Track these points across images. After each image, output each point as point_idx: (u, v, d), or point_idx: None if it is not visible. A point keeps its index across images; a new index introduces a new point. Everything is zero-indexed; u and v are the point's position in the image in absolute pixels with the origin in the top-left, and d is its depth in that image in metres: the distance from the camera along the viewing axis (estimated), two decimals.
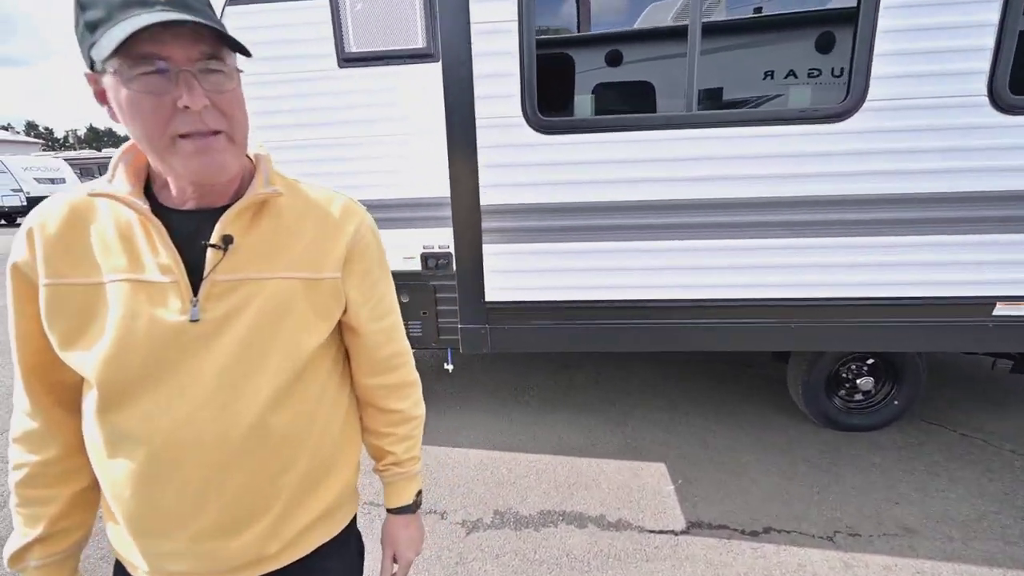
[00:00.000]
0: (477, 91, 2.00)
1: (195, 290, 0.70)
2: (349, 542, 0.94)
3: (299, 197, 0.80)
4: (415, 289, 2.79)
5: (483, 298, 2.24)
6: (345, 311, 0.82)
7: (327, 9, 2.47)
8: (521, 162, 2.10)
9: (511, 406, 3.38)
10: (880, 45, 1.84)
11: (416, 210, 2.64)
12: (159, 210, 0.73)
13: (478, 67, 1.97)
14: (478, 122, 2.04)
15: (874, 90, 1.90)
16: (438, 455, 2.86)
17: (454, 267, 2.37)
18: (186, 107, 0.63)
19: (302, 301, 0.75)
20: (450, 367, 3.02)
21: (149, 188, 0.76)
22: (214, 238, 0.70)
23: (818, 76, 3.49)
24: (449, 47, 1.97)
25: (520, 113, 2.03)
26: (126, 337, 0.67)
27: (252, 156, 0.80)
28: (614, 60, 3.65)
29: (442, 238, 2.62)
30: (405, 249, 2.74)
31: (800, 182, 2.04)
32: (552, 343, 2.40)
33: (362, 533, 1.01)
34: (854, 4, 1.92)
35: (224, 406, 0.70)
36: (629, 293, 2.29)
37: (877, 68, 1.87)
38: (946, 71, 1.88)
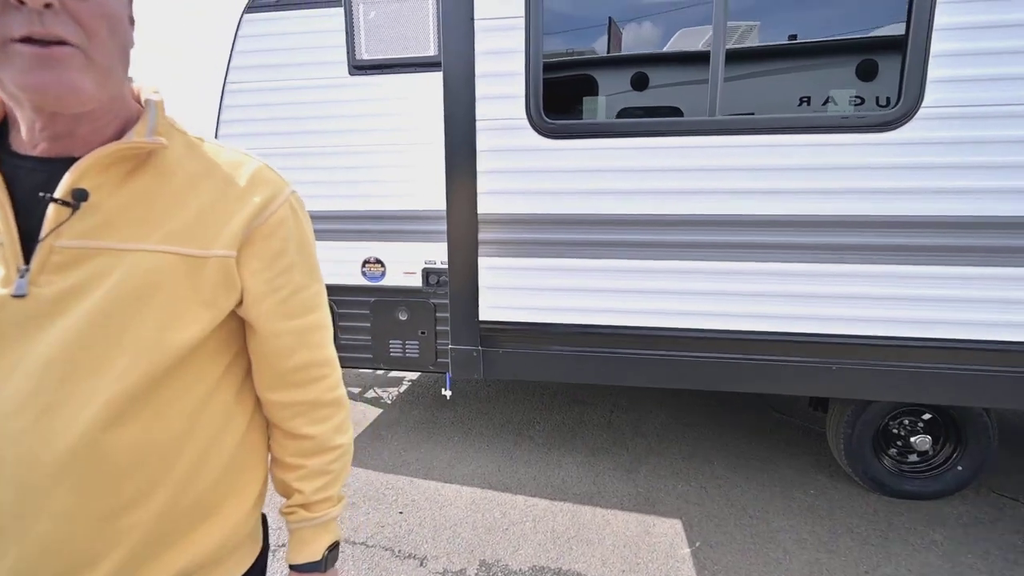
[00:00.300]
0: (479, 91, 1.87)
1: (28, 258, 0.54)
2: None
3: (199, 157, 0.64)
4: (415, 307, 2.63)
5: (476, 317, 2.04)
6: (241, 302, 0.65)
7: (341, 16, 2.44)
8: (523, 168, 1.93)
9: (514, 441, 3.10)
10: (939, 44, 1.60)
11: (419, 223, 2.51)
12: (3, 155, 0.58)
13: (481, 66, 1.85)
14: (478, 124, 1.90)
15: (931, 96, 1.65)
16: (428, 490, 2.61)
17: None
18: (21, 1, 0.48)
19: (178, 284, 0.59)
20: (448, 393, 2.80)
21: (6, 129, 0.61)
22: (60, 191, 0.54)
23: (861, 104, 3.24)
24: (450, 43, 1.86)
25: (524, 115, 1.88)
26: None
27: (142, 101, 0.65)
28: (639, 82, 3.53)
29: (444, 253, 2.46)
30: (407, 264, 2.60)
31: (842, 198, 1.78)
32: (552, 372, 2.16)
33: None
34: (897, 27, 1.71)
35: (42, 413, 0.53)
36: (642, 319, 2.04)
37: (935, 71, 1.63)
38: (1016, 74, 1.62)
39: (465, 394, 3.71)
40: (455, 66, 1.86)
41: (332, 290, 2.64)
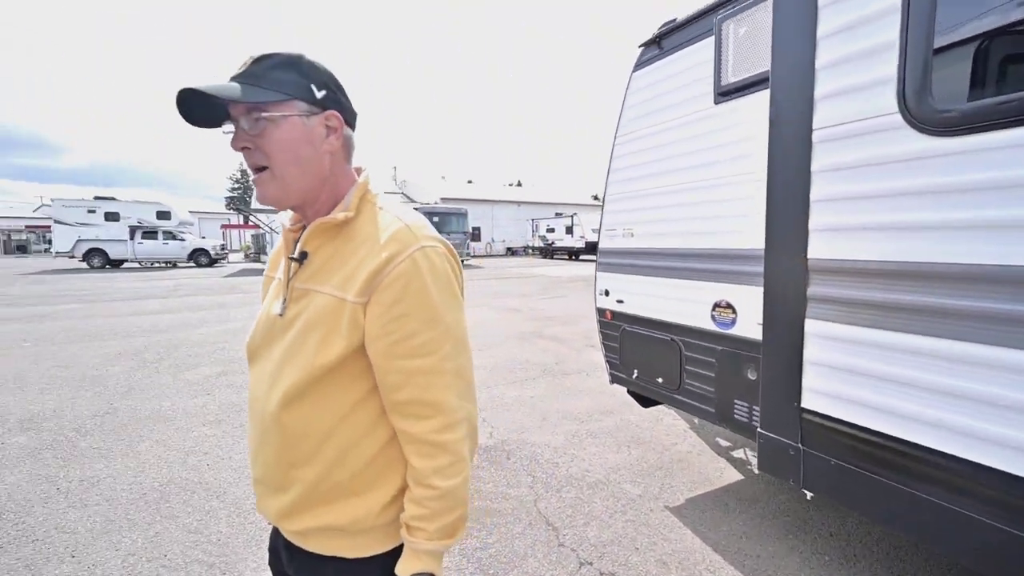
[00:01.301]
0: (819, 85, 1.28)
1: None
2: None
3: (372, 223, 0.83)
4: (735, 357, 2.13)
5: (797, 400, 1.42)
6: (364, 340, 0.79)
7: (711, 46, 2.30)
8: (887, 189, 1.18)
9: (800, 546, 1.93)
10: None
11: (756, 264, 2.02)
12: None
13: (824, 51, 1.27)
14: (815, 135, 1.31)
15: None
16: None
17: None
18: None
19: (330, 319, 0.79)
20: (809, 495, 2.10)
21: None
22: (296, 252, 0.87)
23: None
24: (782, 13, 1.34)
25: (895, 107, 1.15)
26: (258, 319, 0.95)
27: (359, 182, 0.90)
28: None
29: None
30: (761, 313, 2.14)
31: None
32: (923, 532, 1.20)
33: None
34: None
35: (268, 389, 0.84)
36: None
37: None
38: None
39: None
40: (785, 51, 1.36)
41: (680, 330, 2.56)
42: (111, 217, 21.24)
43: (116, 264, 21.70)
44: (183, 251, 22.09)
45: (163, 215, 22.65)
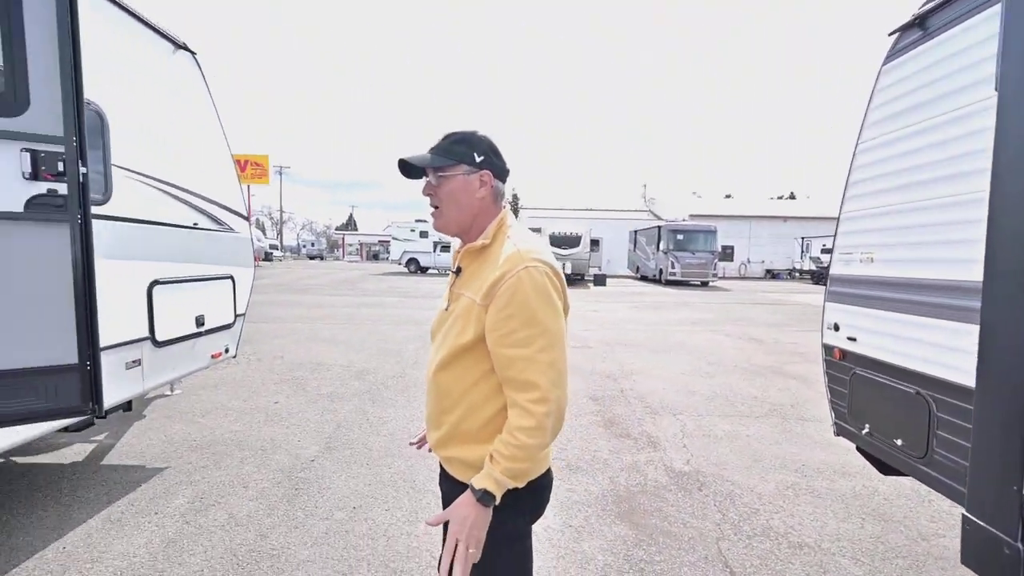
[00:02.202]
0: None
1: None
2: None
3: (499, 247, 1.15)
4: None
5: (1019, 483, 0.98)
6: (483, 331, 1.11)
7: (997, 16, 1.77)
8: None
9: None
10: None
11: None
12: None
13: None
14: None
15: None
16: None
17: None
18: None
19: (469, 314, 1.12)
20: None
21: None
22: (455, 266, 1.30)
23: None
24: None
25: None
26: (438, 312, 1.37)
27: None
28: None
29: None
30: None
31: None
32: None
33: None
34: None
35: (432, 358, 1.27)
36: None
37: None
38: None
39: None
40: None
41: (933, 384, 2.04)
42: (423, 235, 28.06)
43: (424, 270, 28.46)
44: None
45: None
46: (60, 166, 1.80)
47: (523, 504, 1.15)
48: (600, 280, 21.72)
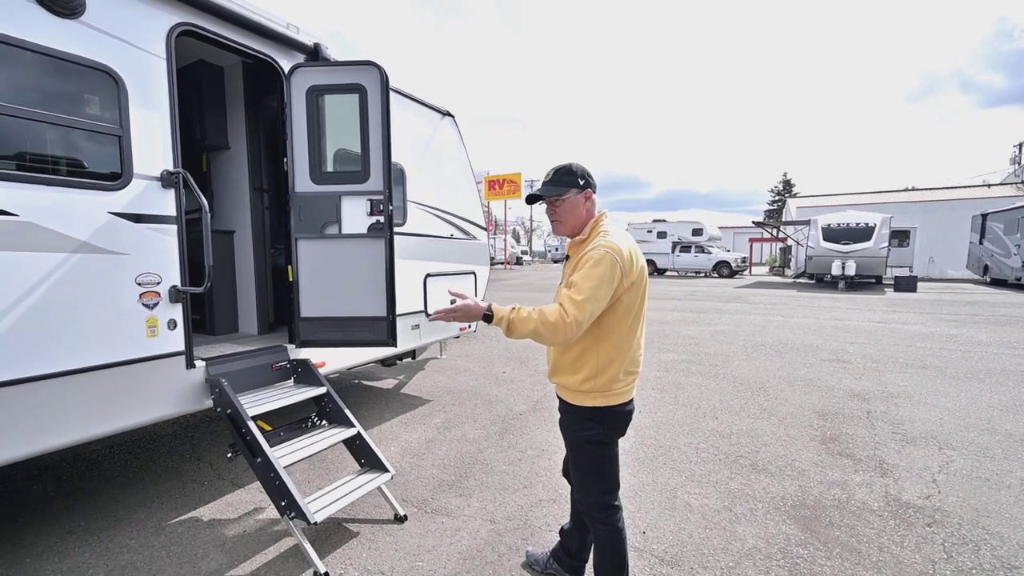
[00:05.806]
0: None
1: None
2: (580, 414, 1.85)
3: (592, 239, 1.80)
4: None
5: None
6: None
7: None
8: None
9: None
10: None
11: None
12: None
13: None
14: None
15: None
16: None
17: None
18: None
19: None
20: None
21: None
22: (565, 255, 2.01)
23: None
24: None
25: None
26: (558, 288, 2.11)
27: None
28: None
29: None
30: None
31: None
32: None
33: None
34: None
35: None
36: None
37: None
38: None
39: None
40: None
41: None
42: (660, 235, 27.65)
43: (661, 272, 28.01)
44: (709, 263, 25.58)
45: (697, 232, 27.07)
46: (380, 207, 3.20)
47: (600, 418, 1.79)
48: (906, 284, 16.86)
